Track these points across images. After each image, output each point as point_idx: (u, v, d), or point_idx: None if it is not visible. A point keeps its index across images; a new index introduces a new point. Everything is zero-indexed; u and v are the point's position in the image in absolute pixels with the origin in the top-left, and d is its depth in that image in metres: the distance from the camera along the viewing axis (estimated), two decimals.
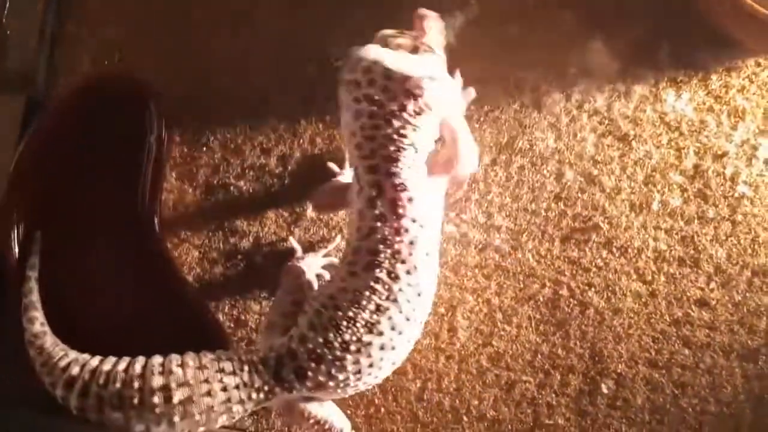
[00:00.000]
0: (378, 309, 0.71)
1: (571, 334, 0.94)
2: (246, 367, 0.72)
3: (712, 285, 0.94)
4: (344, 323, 0.71)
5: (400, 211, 0.72)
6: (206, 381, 0.71)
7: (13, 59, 0.93)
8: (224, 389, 0.71)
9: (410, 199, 0.73)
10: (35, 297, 0.80)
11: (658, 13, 0.96)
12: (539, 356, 0.94)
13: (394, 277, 0.72)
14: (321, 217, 0.95)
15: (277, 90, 0.97)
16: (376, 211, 0.72)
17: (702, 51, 0.96)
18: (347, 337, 0.71)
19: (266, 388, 0.72)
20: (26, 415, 0.88)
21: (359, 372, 0.72)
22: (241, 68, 0.97)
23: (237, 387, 0.71)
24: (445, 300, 0.94)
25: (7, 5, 0.88)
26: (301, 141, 0.97)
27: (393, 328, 0.72)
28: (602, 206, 0.95)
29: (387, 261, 0.72)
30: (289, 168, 0.96)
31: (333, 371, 0.71)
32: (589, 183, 0.95)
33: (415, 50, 0.74)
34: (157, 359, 0.72)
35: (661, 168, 0.95)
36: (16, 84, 0.94)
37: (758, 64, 0.96)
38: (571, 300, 0.94)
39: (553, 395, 0.94)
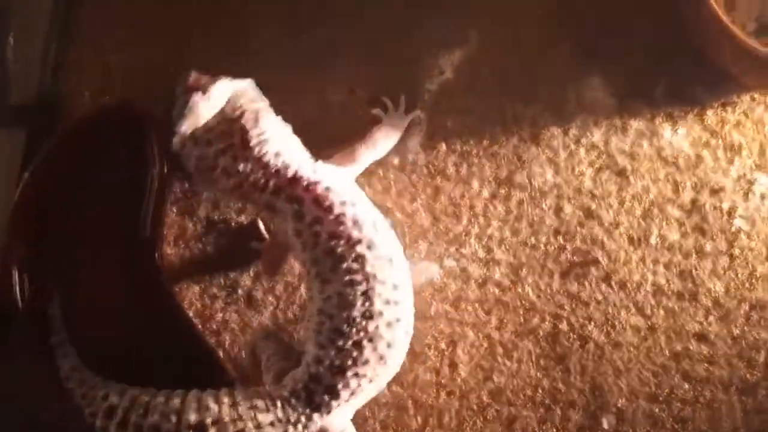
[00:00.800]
0: (365, 294, 0.73)
1: (572, 369, 0.94)
2: (279, 403, 0.73)
3: (711, 319, 0.94)
4: (345, 326, 0.73)
5: (328, 203, 0.75)
6: (240, 419, 0.71)
7: (15, 92, 0.92)
8: (258, 426, 0.72)
9: (327, 188, 0.76)
10: (64, 334, 0.82)
11: (654, 48, 0.97)
12: (540, 391, 0.94)
13: (360, 259, 0.74)
14: None
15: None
16: (308, 218, 0.75)
17: (697, 86, 0.97)
18: (354, 336, 0.73)
19: (303, 419, 0.73)
20: None
21: (382, 358, 0.74)
22: None
23: (272, 424, 0.72)
24: (445, 335, 0.94)
25: (11, 39, 0.88)
26: None
27: (387, 302, 0.74)
28: (601, 240, 0.95)
29: (346, 251, 0.74)
30: None
31: (359, 372, 0.73)
32: (588, 217, 0.96)
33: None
34: (195, 394, 0.74)
35: (658, 202, 0.96)
36: (18, 117, 0.94)
37: (753, 99, 0.97)
38: (571, 334, 0.94)
39: (554, 430, 0.93)
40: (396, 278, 0.75)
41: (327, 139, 0.93)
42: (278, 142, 0.77)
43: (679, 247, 0.95)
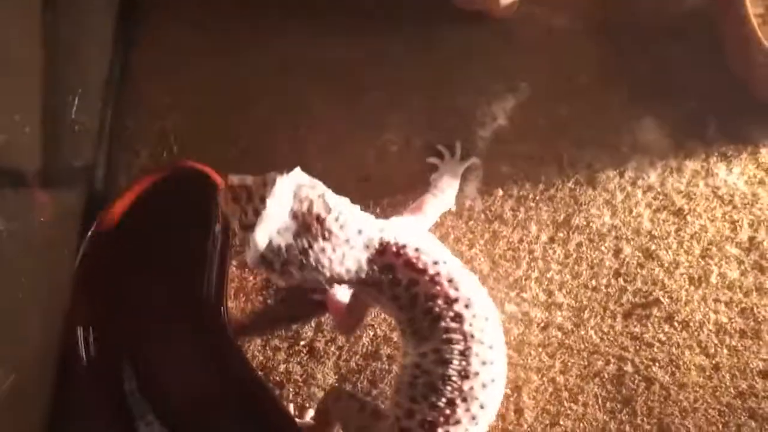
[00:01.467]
0: (463, 354, 0.73)
1: (638, 411, 0.94)
2: None
3: None
4: (440, 382, 0.73)
5: (421, 265, 0.75)
6: None
7: (76, 155, 0.93)
8: None
9: (417, 249, 0.75)
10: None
11: (705, 89, 0.99)
12: None
13: (458, 318, 0.74)
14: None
15: (336, 173, 0.98)
16: (404, 282, 0.75)
17: (750, 125, 0.98)
18: (449, 394, 0.73)
19: None
20: None
21: (474, 418, 0.74)
22: (301, 154, 0.98)
23: None
24: (510, 380, 0.93)
25: (77, 101, 0.90)
26: None
27: (484, 363, 0.74)
28: (661, 281, 0.95)
29: (444, 310, 0.74)
30: None
31: (450, 430, 0.72)
32: (648, 258, 0.96)
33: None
34: None
35: (717, 241, 0.96)
36: (77, 179, 0.95)
37: None
38: (636, 376, 0.94)
39: None
40: (492, 338, 0.75)
41: (387, 189, 0.94)
42: (353, 218, 0.75)
43: (739, 285, 0.95)
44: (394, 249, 0.75)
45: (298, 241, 0.72)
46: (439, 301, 0.74)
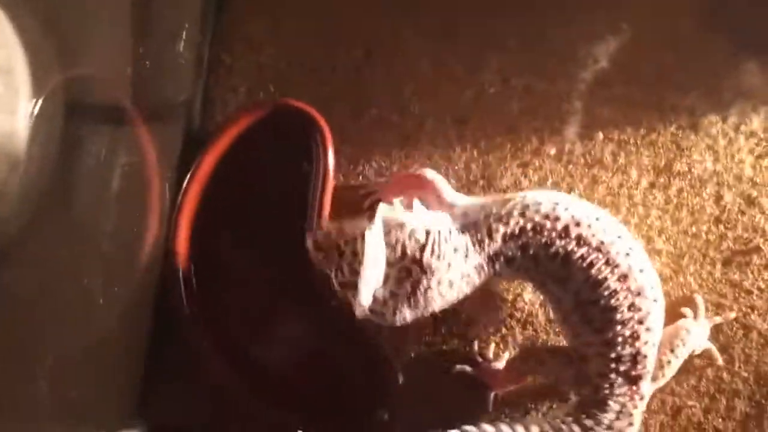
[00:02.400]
0: (607, 263, 0.77)
1: (736, 358, 0.93)
2: (609, 400, 0.79)
3: None
4: (608, 300, 0.77)
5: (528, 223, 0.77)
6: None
7: (174, 90, 0.92)
8: (609, 427, 0.79)
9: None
10: None
11: None
12: (704, 381, 0.93)
13: (583, 242, 0.77)
14: None
15: (433, 116, 0.97)
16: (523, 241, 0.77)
17: None
18: (622, 299, 0.77)
19: (636, 397, 0.80)
20: None
21: (649, 297, 0.79)
22: (396, 96, 0.97)
23: (617, 416, 0.80)
24: None
25: (184, 34, 0.88)
26: (456, 167, 0.96)
27: (627, 254, 0.77)
28: (762, 228, 0.94)
29: (569, 248, 0.77)
30: None
31: (644, 320, 0.78)
32: (749, 205, 0.95)
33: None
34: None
35: None
36: (176, 115, 0.94)
37: None
38: (734, 323, 0.93)
39: (720, 420, 0.93)
40: (623, 242, 0.79)
41: (485, 131, 0.93)
42: (444, 241, 0.75)
43: None
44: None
45: (402, 287, 0.73)
46: (562, 242, 0.76)
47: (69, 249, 0.79)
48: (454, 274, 0.74)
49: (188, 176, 0.90)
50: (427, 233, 0.73)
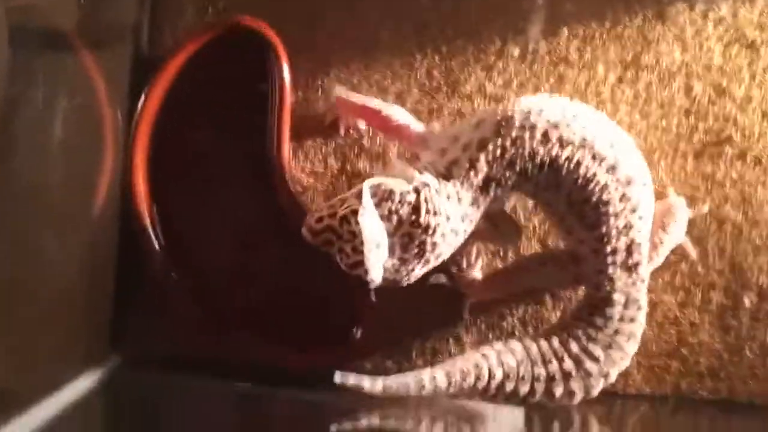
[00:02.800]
0: (593, 158, 0.76)
1: (710, 251, 0.93)
2: (616, 294, 0.81)
3: None
4: (598, 195, 0.76)
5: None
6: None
7: (118, 13, 0.88)
8: (622, 318, 0.81)
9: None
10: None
11: None
12: (678, 275, 0.93)
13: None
14: None
15: (391, 25, 0.93)
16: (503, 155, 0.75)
17: None
18: (613, 191, 0.76)
19: (638, 283, 0.81)
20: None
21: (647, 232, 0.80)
22: (351, 6, 0.93)
23: (625, 306, 0.82)
24: None
25: None
26: (418, 76, 0.93)
27: (611, 145, 0.76)
28: (734, 117, 0.92)
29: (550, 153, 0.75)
30: (408, 105, 0.93)
31: (639, 258, 0.79)
32: (719, 94, 0.92)
33: None
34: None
35: None
36: (121, 39, 0.90)
37: None
38: (708, 216, 0.92)
39: (696, 313, 0.92)
40: (603, 137, 0.77)
41: (446, 35, 0.90)
42: (436, 194, 0.73)
43: None
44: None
45: (409, 252, 0.72)
46: (545, 149, 0.75)
47: (14, 199, 0.76)
48: (455, 221, 0.74)
49: (139, 106, 0.87)
50: (417, 192, 0.72)
